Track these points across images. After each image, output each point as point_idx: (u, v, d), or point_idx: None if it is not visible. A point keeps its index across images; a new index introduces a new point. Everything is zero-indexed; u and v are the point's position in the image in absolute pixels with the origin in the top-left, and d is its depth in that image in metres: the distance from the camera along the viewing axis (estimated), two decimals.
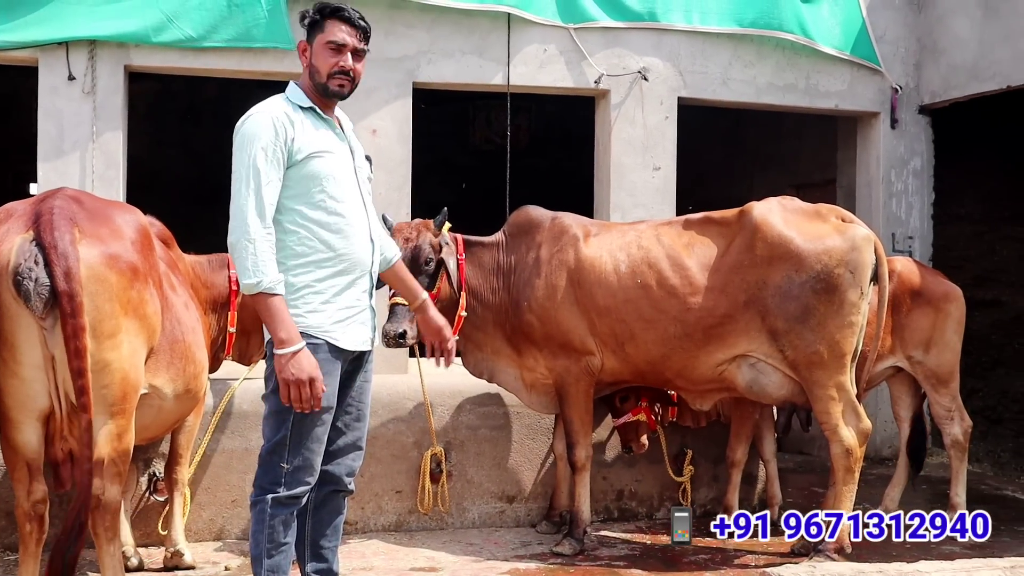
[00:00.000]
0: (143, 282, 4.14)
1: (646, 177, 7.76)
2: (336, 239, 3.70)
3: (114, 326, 3.95)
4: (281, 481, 3.66)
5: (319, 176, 3.68)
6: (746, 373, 5.41)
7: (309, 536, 3.95)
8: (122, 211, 4.39)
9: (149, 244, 4.36)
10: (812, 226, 5.34)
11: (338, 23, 3.74)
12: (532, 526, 6.06)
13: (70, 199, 4.10)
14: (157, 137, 11.67)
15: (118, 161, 6.96)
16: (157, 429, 4.74)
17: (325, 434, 3.74)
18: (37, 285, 3.76)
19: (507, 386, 5.82)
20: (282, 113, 3.67)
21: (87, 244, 3.93)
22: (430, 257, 5.38)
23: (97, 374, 3.89)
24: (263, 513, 3.67)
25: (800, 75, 8.20)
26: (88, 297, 3.84)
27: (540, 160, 12.02)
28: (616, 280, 5.44)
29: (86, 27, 6.81)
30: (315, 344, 3.63)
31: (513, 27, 7.49)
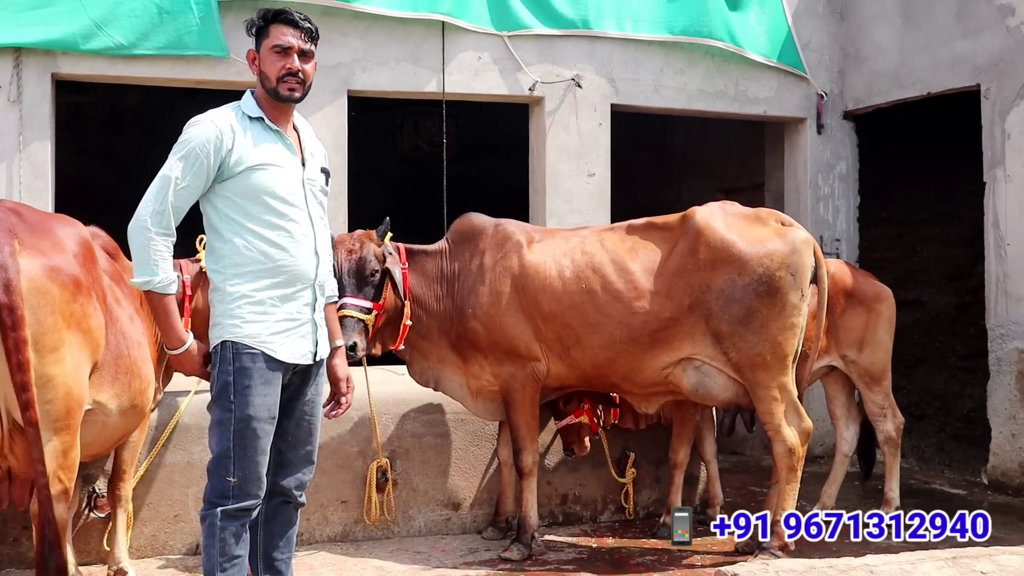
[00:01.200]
0: (86, 295, 4.06)
1: (581, 183, 7.82)
2: (276, 251, 3.65)
3: (56, 340, 3.87)
4: (229, 494, 3.62)
5: (260, 188, 3.64)
6: (691, 376, 5.47)
7: (261, 548, 3.92)
8: (63, 224, 4.30)
9: (91, 257, 4.27)
10: (753, 230, 5.42)
11: (282, 26, 3.72)
12: (478, 532, 6.05)
13: (9, 211, 4.01)
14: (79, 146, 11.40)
15: (46, 172, 6.79)
16: (102, 445, 4.62)
17: (268, 444, 3.69)
18: None
19: (453, 394, 5.81)
20: (226, 123, 3.63)
21: (28, 256, 3.85)
22: (375, 268, 5.35)
23: (40, 389, 3.81)
24: (213, 527, 3.62)
25: (729, 82, 8.34)
26: (29, 310, 3.77)
27: (470, 167, 12.00)
28: (561, 285, 5.46)
29: (11, 34, 6.62)
30: (252, 354, 3.61)
31: (447, 35, 7.49)
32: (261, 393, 3.62)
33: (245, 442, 3.61)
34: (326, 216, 3.92)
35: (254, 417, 3.61)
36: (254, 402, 3.61)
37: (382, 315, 5.43)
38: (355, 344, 5.15)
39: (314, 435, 3.94)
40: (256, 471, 3.65)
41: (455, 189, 8.45)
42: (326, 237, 3.88)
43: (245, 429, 3.60)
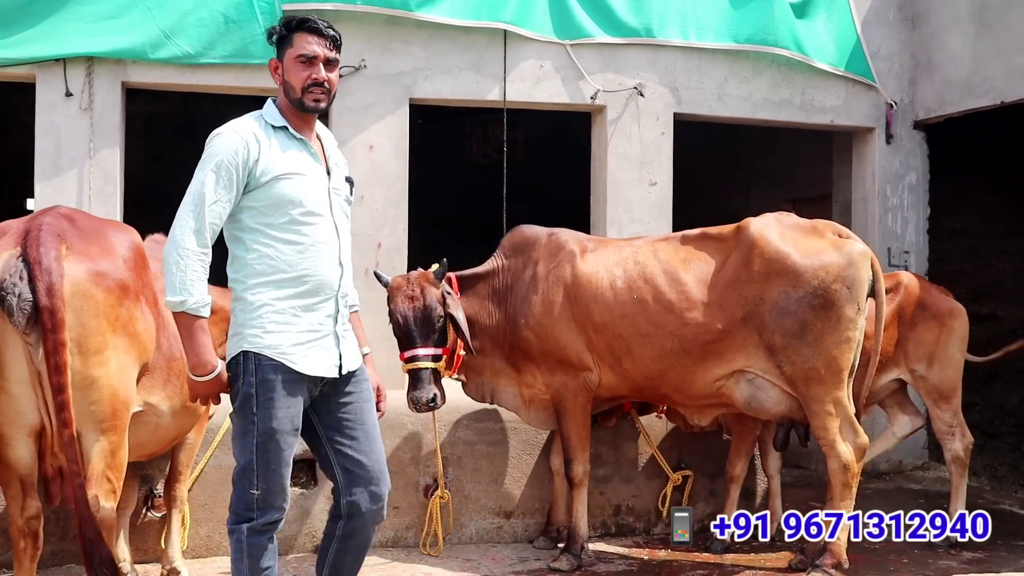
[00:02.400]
0: (134, 300, 4.13)
1: (643, 192, 7.77)
2: (300, 260, 3.60)
3: (101, 342, 3.95)
4: (254, 507, 3.57)
5: (285, 198, 3.58)
6: (744, 389, 5.40)
7: (330, 561, 3.83)
8: (116, 230, 4.39)
9: (143, 263, 4.35)
10: (809, 242, 5.34)
11: (307, 35, 3.64)
12: (530, 542, 6.05)
13: (62, 217, 4.12)
14: (154, 153, 11.66)
15: (115, 177, 6.96)
16: (155, 446, 4.73)
17: (291, 456, 3.63)
18: (20, 300, 3.78)
19: (507, 404, 5.82)
20: (250, 133, 3.56)
21: (74, 261, 3.94)
22: (440, 314, 5.29)
23: (86, 390, 3.91)
24: (240, 543, 3.59)
25: (796, 91, 8.22)
26: (73, 313, 3.86)
27: (537, 174, 12.03)
28: (613, 296, 5.44)
29: (83, 43, 6.80)
30: (273, 365, 3.55)
31: (509, 43, 7.51)
32: (284, 405, 3.56)
33: (268, 455, 3.55)
34: (349, 225, 3.86)
35: (277, 430, 3.55)
36: (277, 414, 3.55)
37: (448, 356, 5.43)
38: (434, 397, 5.16)
39: (374, 443, 3.81)
40: (280, 483, 3.60)
41: (522, 197, 8.47)
42: (349, 247, 3.82)
43: (268, 442, 3.55)
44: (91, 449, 3.97)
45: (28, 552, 4.01)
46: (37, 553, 4.10)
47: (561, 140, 11.18)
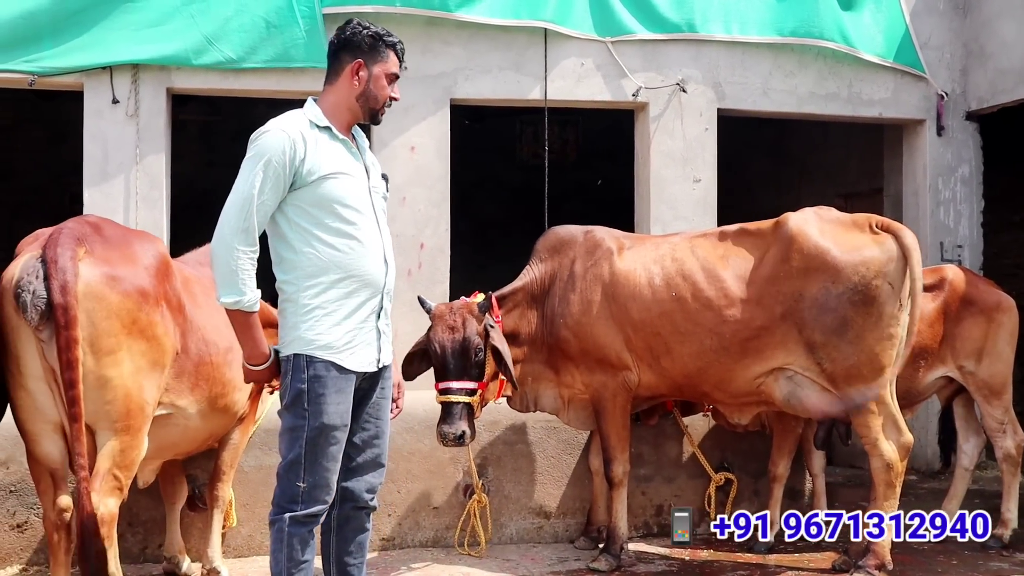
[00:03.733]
0: (153, 305, 4.19)
1: (687, 189, 7.68)
2: (348, 260, 3.63)
3: (114, 344, 4.02)
4: (298, 499, 3.62)
5: (332, 198, 3.60)
6: (784, 386, 5.30)
7: (334, 554, 3.92)
8: (142, 239, 4.48)
9: (166, 271, 4.40)
10: (849, 237, 5.22)
11: (394, 55, 3.75)
12: (570, 542, 6.00)
13: (86, 223, 4.22)
14: (209, 158, 11.81)
15: (161, 182, 7.04)
16: (187, 446, 4.80)
17: (340, 452, 3.70)
18: (34, 297, 3.87)
19: (548, 408, 5.75)
20: (297, 132, 3.58)
21: (91, 263, 4.02)
22: (480, 347, 5.21)
23: (99, 390, 3.99)
24: (281, 532, 3.65)
25: (843, 83, 8.06)
26: (85, 313, 3.93)
27: (589, 173, 11.95)
28: (651, 293, 5.37)
29: (129, 51, 6.90)
30: (325, 363, 3.60)
31: (550, 42, 7.47)
32: (335, 401, 3.62)
33: (318, 449, 3.61)
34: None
35: (328, 425, 3.61)
36: (328, 410, 3.60)
37: (485, 389, 5.33)
38: (463, 433, 5.06)
39: (383, 438, 3.90)
40: (326, 477, 3.65)
41: (574, 196, 8.44)
42: (390, 243, 3.85)
43: (319, 437, 3.60)
44: (102, 447, 4.05)
45: (62, 545, 4.09)
46: (71, 546, 4.18)
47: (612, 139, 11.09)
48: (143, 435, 4.18)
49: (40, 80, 6.83)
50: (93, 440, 4.07)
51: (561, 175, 7.74)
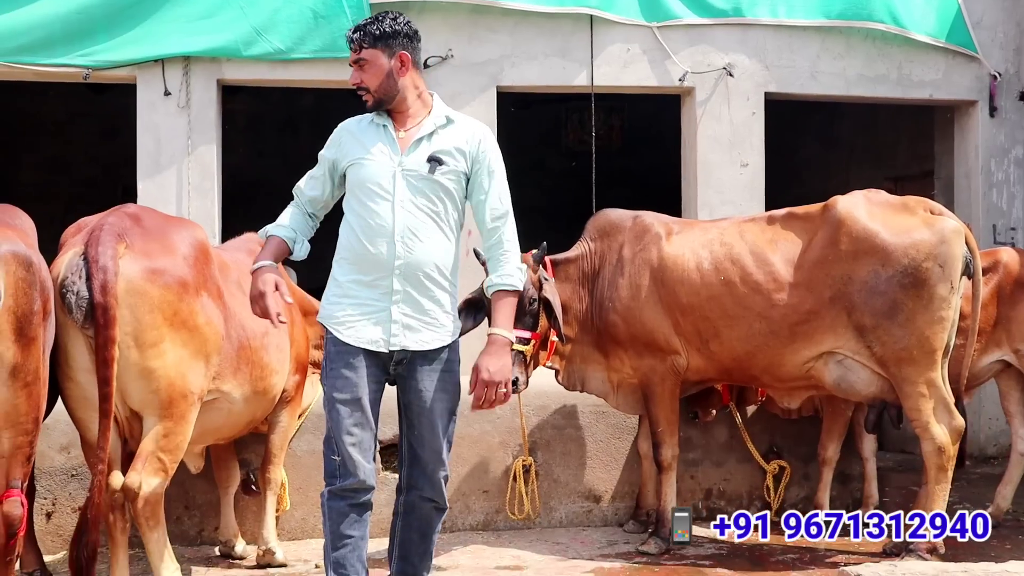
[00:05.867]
0: (194, 295, 4.30)
1: (734, 174, 7.66)
2: (356, 241, 3.77)
3: (156, 336, 4.15)
4: (336, 473, 3.75)
5: (355, 181, 3.82)
6: (833, 370, 5.30)
7: (398, 538, 3.99)
8: (179, 227, 4.57)
9: (205, 259, 4.51)
10: (899, 219, 5.20)
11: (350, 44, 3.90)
12: (620, 525, 6.04)
13: (127, 216, 4.31)
14: (258, 149, 11.94)
15: (213, 173, 7.16)
16: (231, 429, 4.93)
17: (357, 427, 3.73)
18: (78, 297, 4.02)
19: (596, 391, 5.79)
20: (348, 125, 3.93)
21: (131, 259, 4.12)
22: (533, 298, 5.26)
23: (144, 380, 4.14)
24: (324, 506, 3.80)
25: (892, 65, 7.98)
26: (128, 309, 4.06)
27: (634, 160, 11.94)
28: (699, 277, 5.38)
29: (180, 43, 7.02)
30: (333, 337, 3.79)
31: (596, 28, 7.48)
32: (343, 376, 3.72)
33: (336, 423, 3.73)
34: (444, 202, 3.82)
35: (336, 399, 3.72)
36: (336, 384, 3.73)
37: (538, 343, 5.40)
38: (516, 379, 5.05)
39: (437, 432, 3.88)
40: (347, 452, 3.71)
41: (619, 183, 8.45)
42: (421, 224, 3.78)
43: (331, 410, 3.75)
44: (147, 431, 4.20)
45: (118, 525, 4.21)
46: (127, 526, 4.33)
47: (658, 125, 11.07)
48: (187, 421, 4.31)
49: (94, 74, 6.97)
50: (141, 425, 4.23)
51: (606, 161, 7.76)
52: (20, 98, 11.33)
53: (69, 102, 11.91)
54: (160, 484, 4.25)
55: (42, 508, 5.47)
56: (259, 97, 10.79)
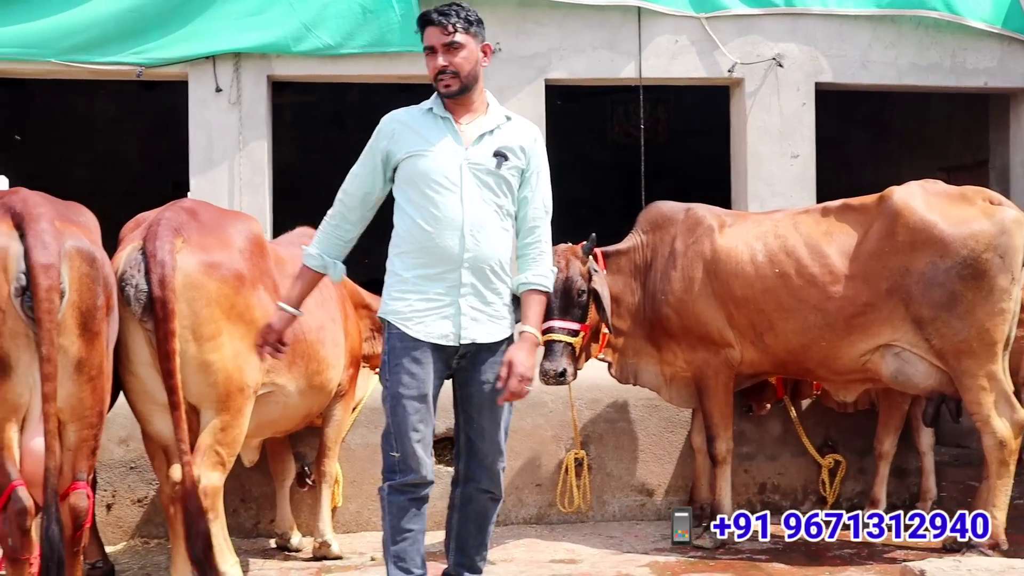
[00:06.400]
0: (250, 288, 4.34)
1: (784, 165, 7.59)
2: (420, 233, 3.78)
3: (214, 330, 4.18)
4: (395, 468, 3.77)
5: (414, 174, 3.81)
6: (891, 363, 5.25)
7: (455, 531, 4.03)
8: (235, 221, 4.61)
9: (260, 252, 4.55)
10: (957, 210, 5.14)
11: (427, 28, 3.88)
12: None
13: (183, 210, 4.36)
14: (304, 144, 12.02)
15: (264, 168, 7.19)
16: (287, 423, 4.96)
17: (422, 423, 3.78)
18: (137, 291, 4.06)
19: (649, 384, 5.78)
20: (398, 117, 3.95)
21: (188, 253, 4.16)
22: (582, 289, 5.28)
23: (202, 373, 4.17)
24: (384, 501, 3.82)
25: (945, 53, 7.86)
26: (186, 303, 4.10)
27: (680, 152, 11.88)
28: (753, 270, 5.35)
29: (231, 40, 7.05)
30: (398, 333, 3.79)
31: (644, 19, 7.43)
32: (408, 371, 3.74)
33: (398, 419, 3.75)
34: (505, 197, 3.89)
35: (402, 395, 3.74)
36: (402, 380, 3.75)
37: (588, 334, 5.40)
38: (564, 371, 5.11)
39: (498, 423, 3.94)
40: (410, 447, 3.74)
41: (665, 175, 8.40)
42: (487, 218, 3.83)
43: (396, 406, 3.76)
44: (204, 425, 4.23)
45: (178, 517, 4.24)
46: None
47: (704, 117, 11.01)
48: (244, 415, 4.34)
49: (147, 71, 7.03)
50: (198, 418, 4.25)
51: (652, 154, 7.71)
52: (72, 96, 11.52)
53: (120, 99, 12.07)
54: (219, 477, 4.28)
55: (102, 500, 5.54)
56: (305, 92, 10.85)
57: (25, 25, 6.81)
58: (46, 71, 7.07)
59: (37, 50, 6.86)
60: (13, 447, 3.72)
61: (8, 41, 6.82)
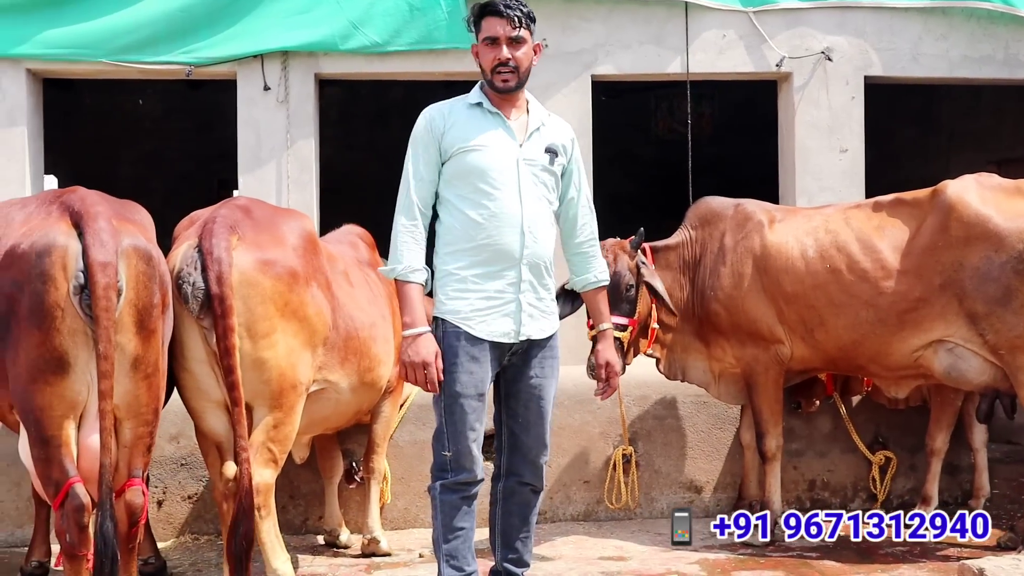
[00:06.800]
0: (304, 285, 4.34)
1: (832, 160, 7.52)
2: (478, 230, 3.75)
3: (269, 327, 4.19)
4: (447, 467, 3.76)
5: (468, 169, 3.76)
6: (944, 358, 5.19)
7: (499, 526, 4.03)
8: (289, 218, 4.62)
9: (313, 249, 4.56)
10: (1013, 203, 5.07)
11: (491, 18, 3.80)
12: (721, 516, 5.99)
13: (238, 208, 4.38)
14: (347, 141, 12.07)
15: (311, 165, 7.24)
16: (339, 419, 4.97)
17: (478, 421, 3.78)
18: (194, 288, 4.08)
19: (697, 380, 5.76)
20: (441, 111, 3.85)
21: (244, 251, 4.18)
22: (631, 283, 5.29)
23: (256, 370, 4.17)
24: (435, 500, 3.80)
25: (998, 45, 7.75)
26: (241, 300, 4.11)
27: (725, 147, 11.82)
28: (804, 265, 5.31)
29: (279, 39, 7.10)
30: (456, 332, 3.74)
31: (690, 14, 7.38)
32: (467, 370, 3.72)
33: (454, 418, 3.73)
34: (555, 192, 3.94)
35: (461, 394, 3.72)
36: (460, 379, 3.72)
37: (636, 329, 5.40)
38: None
39: (544, 417, 3.95)
40: (466, 446, 3.75)
41: (710, 171, 8.35)
42: (542, 215, 3.86)
43: (453, 405, 3.73)
44: (257, 422, 4.24)
45: (230, 513, 4.24)
46: None
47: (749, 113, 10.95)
48: (296, 412, 4.35)
49: (196, 70, 7.09)
50: (250, 416, 4.25)
51: (697, 149, 7.67)
52: (119, 95, 11.66)
53: (166, 98, 12.21)
54: (271, 475, 4.31)
55: (153, 496, 5.60)
56: (350, 90, 10.90)
57: (77, 26, 6.89)
58: (97, 71, 7.16)
59: (88, 51, 6.95)
60: (71, 444, 3.76)
61: (60, 42, 6.92)
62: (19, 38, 6.88)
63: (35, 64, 7.03)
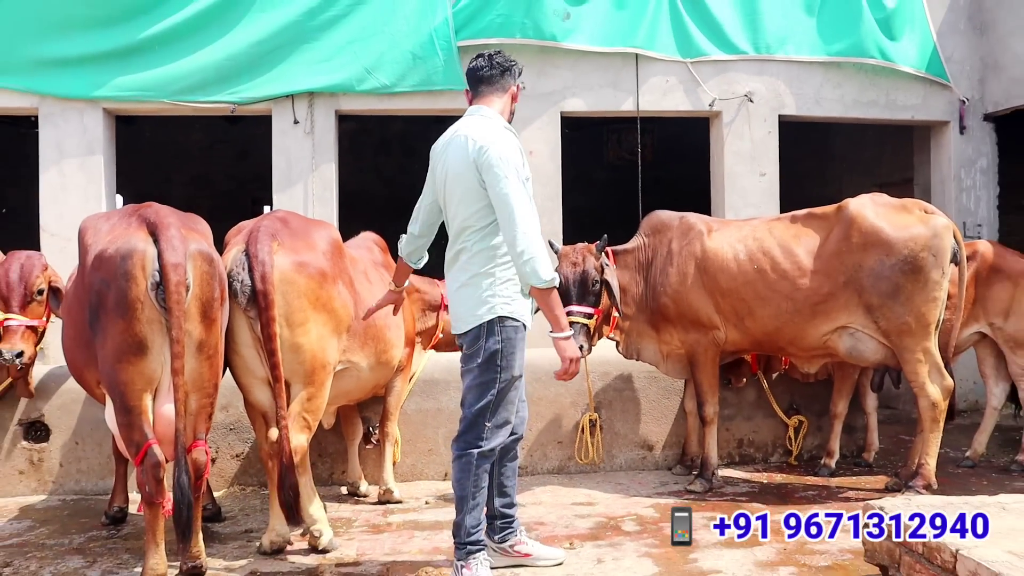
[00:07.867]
0: (332, 283, 4.30)
1: (754, 182, 7.56)
2: None
3: (303, 317, 4.14)
4: (483, 437, 3.71)
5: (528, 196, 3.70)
6: (846, 341, 5.22)
7: (496, 478, 3.99)
8: (319, 227, 4.57)
9: (340, 253, 4.53)
10: (899, 217, 5.11)
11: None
12: (668, 469, 5.98)
13: (277, 220, 4.33)
14: (356, 166, 11.98)
15: (332, 186, 7.17)
16: (359, 393, 4.92)
17: (517, 397, 3.80)
18: (242, 286, 4.04)
19: (649, 360, 5.73)
20: (518, 144, 3.76)
21: (283, 254, 4.14)
22: (596, 280, 5.24)
23: (293, 354, 4.12)
24: (470, 464, 3.72)
25: (881, 92, 7.85)
26: (281, 295, 4.06)
27: (662, 172, 11.84)
28: (736, 266, 5.32)
29: (306, 82, 7.04)
30: (516, 326, 3.70)
31: (640, 63, 7.41)
32: (521, 357, 3.74)
33: (508, 397, 3.72)
34: None
35: (517, 376, 3.74)
36: (517, 363, 3.71)
37: (600, 317, 5.37)
38: (581, 347, 5.05)
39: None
40: (508, 418, 3.76)
41: (652, 190, 8.37)
42: None
43: (509, 386, 3.71)
44: (294, 396, 4.18)
45: (275, 469, 4.19)
46: None
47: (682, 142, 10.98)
48: (326, 387, 4.30)
49: (238, 108, 7.01)
50: (289, 390, 4.20)
51: (641, 173, 7.69)
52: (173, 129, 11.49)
53: (210, 132, 12.05)
54: (306, 439, 4.24)
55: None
56: (360, 124, 10.81)
57: (143, 73, 6.83)
58: (157, 109, 7.06)
59: (152, 92, 6.86)
60: (148, 412, 3.70)
61: (129, 86, 6.83)
62: (97, 83, 6.80)
63: (110, 104, 6.94)
